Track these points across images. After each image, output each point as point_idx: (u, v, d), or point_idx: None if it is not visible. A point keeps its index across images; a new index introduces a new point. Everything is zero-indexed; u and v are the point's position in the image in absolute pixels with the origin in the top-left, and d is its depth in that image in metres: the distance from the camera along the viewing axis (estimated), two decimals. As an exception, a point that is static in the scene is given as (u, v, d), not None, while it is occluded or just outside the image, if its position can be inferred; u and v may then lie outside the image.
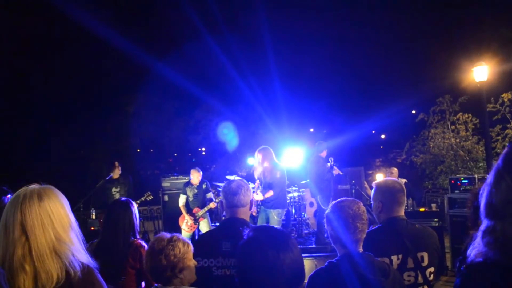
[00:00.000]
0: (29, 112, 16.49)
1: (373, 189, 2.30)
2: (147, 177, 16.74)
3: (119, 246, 2.48)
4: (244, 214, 2.19)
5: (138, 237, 2.61)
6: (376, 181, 2.34)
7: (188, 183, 6.67)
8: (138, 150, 18.79)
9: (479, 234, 1.02)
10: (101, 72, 16.52)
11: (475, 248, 1.02)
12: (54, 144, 16.15)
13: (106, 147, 16.99)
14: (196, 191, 6.60)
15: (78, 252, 1.46)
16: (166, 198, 8.27)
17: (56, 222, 1.42)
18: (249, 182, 8.14)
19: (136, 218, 2.61)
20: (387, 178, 2.36)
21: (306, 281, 1.77)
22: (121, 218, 2.55)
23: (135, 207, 2.65)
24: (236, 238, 1.85)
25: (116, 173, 6.59)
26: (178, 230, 6.32)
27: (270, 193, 5.41)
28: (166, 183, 8.41)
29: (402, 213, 2.21)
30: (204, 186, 6.69)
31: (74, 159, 17.06)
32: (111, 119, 16.91)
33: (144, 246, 2.51)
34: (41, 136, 16.23)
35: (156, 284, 1.85)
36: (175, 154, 21.72)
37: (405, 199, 2.25)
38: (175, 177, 8.58)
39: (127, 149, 16.95)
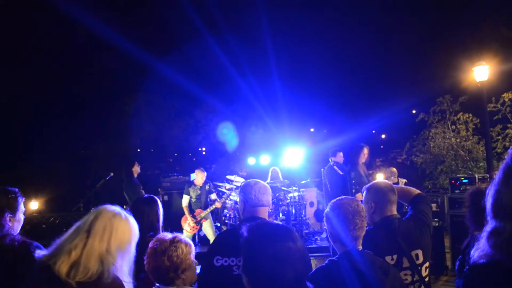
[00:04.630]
0: (29, 112, 16.49)
1: (364, 193, 2.31)
2: (147, 177, 16.72)
3: (137, 244, 2.48)
4: (265, 213, 2.20)
5: (160, 233, 2.58)
6: (365, 186, 2.36)
7: (191, 184, 6.59)
8: (138, 150, 18.78)
9: (485, 234, 0.99)
10: (101, 71, 16.52)
11: (479, 249, 0.99)
12: (54, 144, 16.15)
13: (106, 147, 16.99)
14: (199, 192, 6.54)
15: (120, 271, 1.68)
16: (166, 198, 8.27)
17: (114, 240, 1.67)
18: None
19: (160, 214, 2.63)
20: (376, 180, 2.38)
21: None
22: (141, 215, 2.54)
23: (159, 204, 2.66)
24: None
25: (137, 173, 6.87)
26: (179, 230, 6.31)
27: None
28: (166, 183, 8.41)
29: (395, 211, 2.22)
30: (207, 187, 6.64)
31: (74, 159, 17.06)
32: (111, 119, 16.90)
33: None
34: (41, 136, 16.23)
35: (157, 284, 1.85)
36: (175, 154, 21.71)
37: (396, 198, 2.26)
38: (175, 177, 8.58)
39: (127, 149, 16.94)
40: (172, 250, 1.82)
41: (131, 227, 1.77)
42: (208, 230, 6.56)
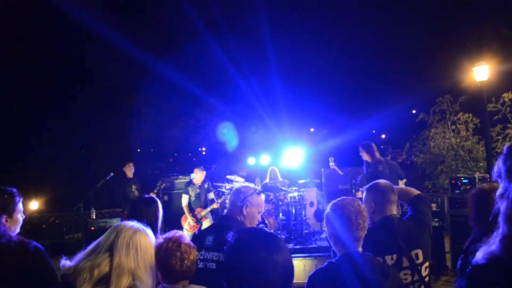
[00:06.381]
0: (29, 112, 16.49)
1: (364, 192, 2.31)
2: (147, 177, 16.74)
3: None
4: (231, 212, 2.29)
5: (158, 234, 2.58)
6: (365, 186, 2.36)
7: (190, 183, 6.61)
8: (138, 150, 18.78)
9: (498, 237, 0.97)
10: (102, 72, 16.52)
11: (486, 250, 0.98)
12: (55, 144, 16.15)
13: (106, 147, 16.99)
14: (198, 190, 6.56)
15: (146, 286, 1.65)
16: (166, 198, 8.26)
17: (140, 256, 1.65)
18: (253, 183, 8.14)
19: (159, 215, 2.62)
20: (377, 180, 2.36)
21: (306, 281, 1.77)
22: (139, 215, 2.55)
23: (158, 205, 2.65)
24: (219, 233, 2.07)
25: (130, 172, 6.83)
26: (179, 229, 6.31)
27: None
28: (166, 183, 8.40)
29: (394, 211, 2.22)
30: (206, 185, 6.66)
31: (74, 159, 17.07)
32: (111, 119, 16.89)
33: None
34: (41, 136, 16.23)
35: (163, 284, 1.86)
36: (175, 154, 21.69)
37: (396, 198, 2.26)
38: (175, 177, 8.57)
39: (127, 149, 16.94)
40: (186, 249, 1.86)
41: (151, 240, 1.76)
42: None
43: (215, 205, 6.49)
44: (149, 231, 1.78)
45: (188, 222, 6.43)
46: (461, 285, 1.01)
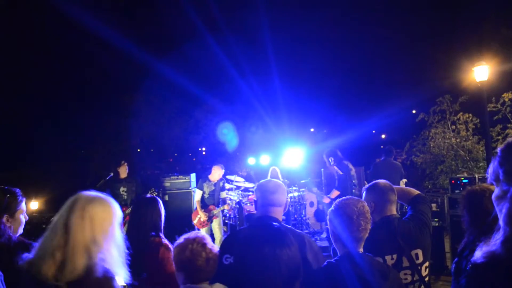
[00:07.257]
0: (29, 112, 16.49)
1: (364, 192, 2.31)
2: (147, 177, 16.74)
3: (139, 243, 2.44)
4: (277, 213, 2.11)
5: (161, 235, 2.59)
6: (365, 186, 2.36)
7: (206, 179, 6.55)
8: (138, 150, 18.77)
9: (499, 238, 0.97)
10: (101, 71, 16.50)
11: (486, 250, 0.98)
12: (54, 144, 16.15)
13: (106, 147, 16.98)
14: (213, 188, 6.52)
15: (109, 259, 1.55)
16: (166, 198, 8.26)
17: (96, 227, 1.55)
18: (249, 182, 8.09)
19: (161, 214, 2.63)
20: (377, 180, 2.36)
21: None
22: (144, 215, 2.56)
23: (161, 204, 2.66)
24: None
25: (124, 173, 6.41)
26: (178, 230, 6.29)
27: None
28: (166, 183, 8.40)
29: (394, 211, 2.22)
30: (221, 184, 6.65)
31: (74, 159, 17.06)
32: (112, 119, 16.88)
33: (165, 244, 2.51)
34: (41, 136, 16.23)
35: (187, 284, 1.85)
36: (175, 154, 21.69)
37: (396, 198, 2.26)
38: (176, 177, 8.57)
39: (127, 149, 16.93)
40: (209, 249, 1.86)
41: (110, 208, 1.63)
42: (216, 229, 6.58)
43: (226, 207, 6.48)
44: (108, 198, 1.66)
45: (199, 218, 6.38)
46: (459, 285, 1.01)
